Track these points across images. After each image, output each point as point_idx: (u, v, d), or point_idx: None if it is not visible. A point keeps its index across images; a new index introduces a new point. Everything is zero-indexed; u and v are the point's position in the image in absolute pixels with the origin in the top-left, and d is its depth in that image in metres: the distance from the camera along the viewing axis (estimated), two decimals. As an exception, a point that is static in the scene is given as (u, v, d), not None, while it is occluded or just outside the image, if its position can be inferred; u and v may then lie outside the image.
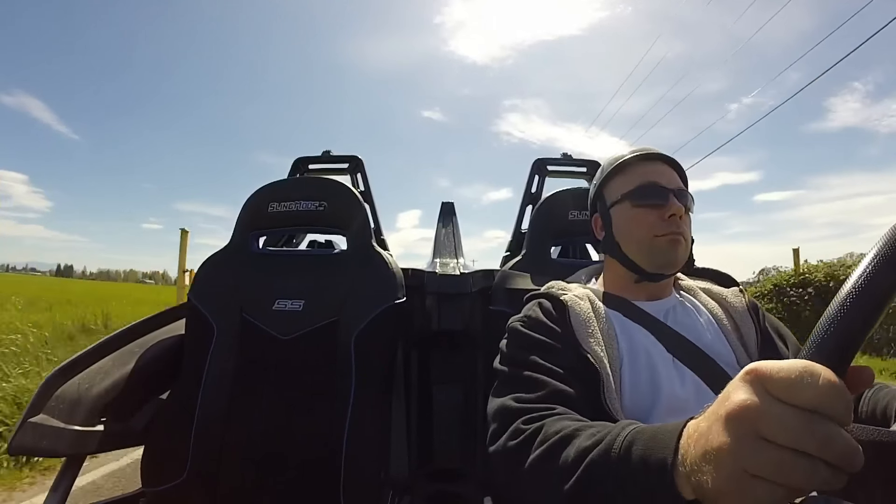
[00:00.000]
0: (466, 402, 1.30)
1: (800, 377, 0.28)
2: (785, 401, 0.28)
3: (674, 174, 0.78)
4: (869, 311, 0.31)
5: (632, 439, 0.42)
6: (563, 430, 0.50)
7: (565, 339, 0.68)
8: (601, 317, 0.71)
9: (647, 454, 0.39)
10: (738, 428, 0.30)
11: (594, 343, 0.67)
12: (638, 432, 0.42)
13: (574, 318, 0.70)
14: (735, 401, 0.30)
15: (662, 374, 0.67)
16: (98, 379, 1.00)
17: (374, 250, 1.21)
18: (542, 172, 1.74)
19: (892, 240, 0.32)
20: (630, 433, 0.43)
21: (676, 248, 0.73)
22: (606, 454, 0.43)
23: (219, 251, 1.27)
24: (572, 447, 0.47)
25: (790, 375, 0.29)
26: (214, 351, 1.11)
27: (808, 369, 0.29)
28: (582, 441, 0.47)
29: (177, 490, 1.02)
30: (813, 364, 0.29)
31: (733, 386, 0.32)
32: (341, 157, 1.82)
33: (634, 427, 0.44)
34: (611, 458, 0.43)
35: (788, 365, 0.29)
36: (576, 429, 0.50)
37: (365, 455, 1.02)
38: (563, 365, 0.64)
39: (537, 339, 0.69)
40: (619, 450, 0.42)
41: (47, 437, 0.87)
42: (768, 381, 0.29)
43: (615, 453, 0.42)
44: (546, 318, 0.72)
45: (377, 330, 1.10)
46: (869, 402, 0.63)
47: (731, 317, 0.76)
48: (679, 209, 0.73)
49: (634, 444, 0.41)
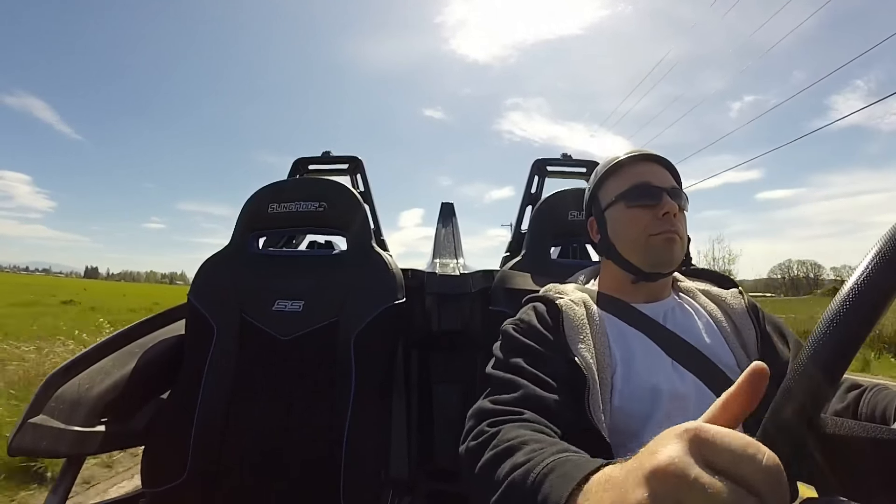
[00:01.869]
0: (466, 402, 1.30)
1: (743, 451, 0.25)
2: (719, 471, 0.25)
3: (666, 174, 0.78)
4: (866, 316, 0.31)
5: (552, 468, 0.40)
6: (514, 440, 0.50)
7: (556, 344, 0.68)
8: (596, 322, 0.71)
9: (551, 487, 0.38)
10: (660, 487, 0.26)
11: (584, 349, 0.66)
12: (559, 463, 0.40)
13: (567, 324, 0.70)
14: (664, 456, 0.26)
15: (661, 376, 0.67)
16: (98, 379, 1.00)
17: (374, 251, 1.21)
18: (542, 173, 1.74)
19: (889, 243, 0.32)
20: (555, 461, 0.41)
21: (672, 247, 0.73)
22: (525, 477, 0.42)
23: (219, 252, 1.27)
24: (510, 460, 0.47)
25: (733, 446, 0.26)
26: (214, 351, 1.11)
27: (753, 445, 0.26)
28: (519, 456, 0.46)
29: (177, 490, 1.02)
30: (758, 444, 0.26)
31: (665, 440, 0.28)
32: (341, 158, 1.82)
33: (562, 456, 0.42)
34: (526, 483, 0.42)
35: (733, 435, 0.26)
36: (523, 441, 0.49)
37: (365, 455, 1.02)
38: (549, 371, 0.64)
39: (526, 344, 0.69)
40: (535, 476, 0.41)
41: (47, 438, 0.87)
42: (707, 446, 0.26)
43: (532, 478, 0.41)
44: (538, 323, 0.72)
45: (377, 330, 1.10)
46: (868, 403, 0.63)
47: (731, 319, 0.76)
48: (673, 207, 0.73)
49: (550, 474, 0.40)
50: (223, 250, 1.27)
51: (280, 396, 1.07)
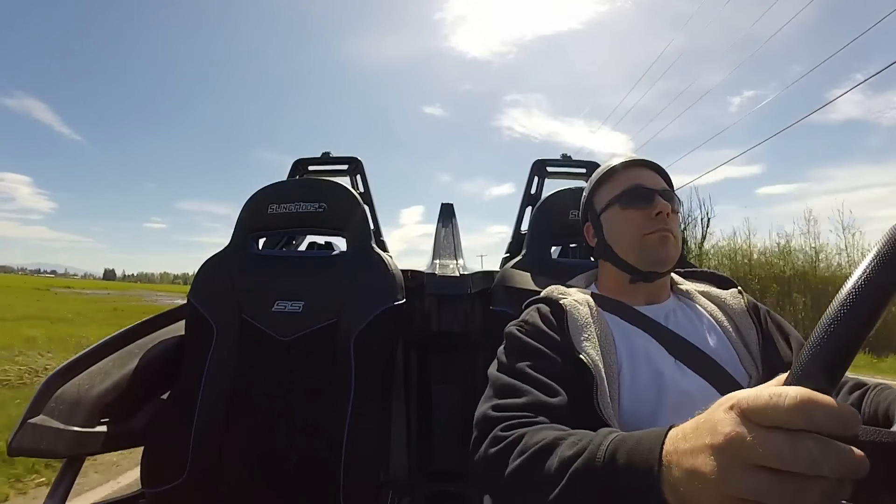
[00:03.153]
0: (466, 403, 1.30)
1: (778, 401, 0.29)
2: (769, 426, 0.29)
3: (658, 177, 0.81)
4: (866, 317, 0.31)
5: (616, 446, 0.42)
6: (544, 440, 0.50)
7: (562, 344, 0.69)
8: (599, 322, 0.72)
9: (631, 461, 0.39)
10: (728, 459, 0.30)
11: (590, 347, 0.67)
12: (620, 440, 0.42)
13: (572, 323, 0.70)
14: (722, 432, 0.31)
15: (666, 375, 0.67)
16: (98, 380, 1.00)
17: (374, 251, 1.22)
18: (542, 173, 1.74)
19: (886, 247, 0.32)
20: (613, 441, 0.43)
21: (666, 245, 0.75)
22: (590, 462, 0.43)
23: (218, 252, 1.27)
24: (555, 457, 0.47)
25: (769, 401, 0.30)
26: (214, 352, 1.11)
27: (784, 392, 0.30)
28: (564, 450, 0.47)
29: (177, 490, 1.02)
30: (796, 388, 0.30)
31: (720, 417, 0.32)
32: (341, 159, 1.82)
33: (616, 435, 0.44)
34: (594, 466, 0.42)
35: (767, 391, 0.30)
36: (557, 437, 0.50)
37: (365, 455, 1.02)
38: (555, 373, 0.64)
39: (532, 345, 0.69)
40: (602, 458, 0.42)
41: (47, 438, 0.87)
42: (749, 411, 0.30)
43: (598, 461, 0.42)
44: (543, 324, 0.72)
45: (376, 331, 1.10)
46: (871, 403, 0.63)
47: (732, 319, 0.77)
48: (665, 206, 0.76)
49: (618, 451, 0.41)
50: (223, 251, 1.27)
51: (279, 397, 1.08)
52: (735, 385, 0.66)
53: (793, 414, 0.29)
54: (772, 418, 0.29)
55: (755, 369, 0.70)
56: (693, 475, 0.33)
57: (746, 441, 0.30)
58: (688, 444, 0.34)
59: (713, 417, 0.33)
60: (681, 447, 0.35)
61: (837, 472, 0.28)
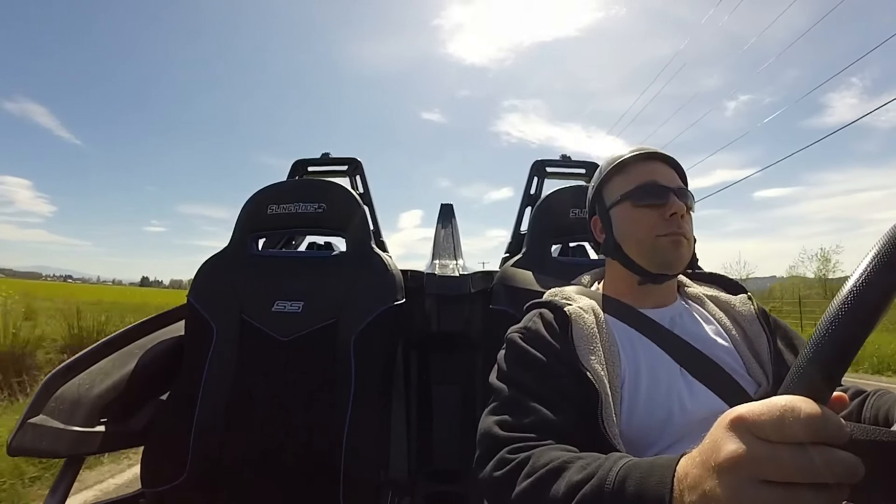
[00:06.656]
0: (466, 403, 1.30)
1: (782, 415, 0.30)
2: (774, 441, 0.30)
3: (673, 173, 0.76)
4: (865, 318, 0.31)
5: (625, 474, 0.41)
6: (552, 463, 0.49)
7: (565, 354, 0.66)
8: (604, 331, 0.69)
9: (642, 489, 0.39)
10: (734, 478, 0.31)
11: (595, 361, 0.64)
12: (631, 467, 0.42)
13: (577, 333, 0.67)
14: (726, 452, 0.31)
15: (672, 389, 0.65)
16: (98, 380, 1.00)
17: (374, 252, 1.22)
18: (541, 174, 1.75)
19: (886, 248, 0.32)
20: (623, 467, 0.42)
21: (679, 248, 0.71)
22: (599, 489, 0.42)
23: (218, 253, 1.27)
24: (562, 480, 0.46)
25: (773, 416, 0.30)
26: (214, 352, 1.11)
27: (789, 405, 0.30)
28: (572, 475, 0.46)
29: (177, 491, 1.02)
30: (791, 399, 0.31)
31: (721, 436, 0.33)
32: (340, 160, 1.82)
33: (627, 460, 0.44)
34: (604, 493, 0.42)
35: (769, 405, 0.31)
36: (565, 461, 0.48)
37: (365, 456, 1.02)
38: (559, 388, 0.63)
39: (534, 356, 0.67)
40: (612, 484, 0.41)
41: (47, 438, 0.87)
42: (754, 427, 0.31)
43: (608, 488, 0.42)
44: (546, 332, 0.69)
45: (376, 331, 1.10)
46: (871, 407, 0.63)
47: (740, 325, 0.74)
48: (680, 208, 0.71)
49: (628, 479, 0.41)
50: (222, 251, 1.27)
51: (279, 397, 1.08)
52: (741, 394, 0.64)
53: (806, 427, 0.29)
54: (781, 433, 0.30)
55: (764, 377, 0.67)
56: (704, 499, 0.33)
57: (750, 458, 0.30)
58: (696, 470, 0.34)
59: (715, 437, 0.33)
60: (691, 473, 0.35)
61: (839, 478, 0.29)
